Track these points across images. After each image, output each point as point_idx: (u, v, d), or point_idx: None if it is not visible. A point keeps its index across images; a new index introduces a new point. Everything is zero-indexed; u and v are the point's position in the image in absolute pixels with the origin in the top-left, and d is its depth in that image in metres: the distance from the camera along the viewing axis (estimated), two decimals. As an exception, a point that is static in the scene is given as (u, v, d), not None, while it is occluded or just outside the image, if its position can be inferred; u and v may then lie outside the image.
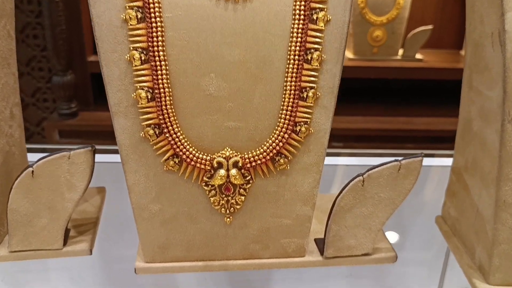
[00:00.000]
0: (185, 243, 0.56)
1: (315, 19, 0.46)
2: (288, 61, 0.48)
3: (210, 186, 0.53)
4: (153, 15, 0.45)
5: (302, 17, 0.46)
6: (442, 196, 0.71)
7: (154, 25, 0.45)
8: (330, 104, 0.50)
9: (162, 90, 0.47)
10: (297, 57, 0.47)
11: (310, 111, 0.50)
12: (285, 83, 0.48)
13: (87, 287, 0.64)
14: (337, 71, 0.49)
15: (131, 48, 0.46)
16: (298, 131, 0.51)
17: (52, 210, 0.56)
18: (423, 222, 0.82)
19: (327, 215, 0.57)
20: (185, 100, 0.48)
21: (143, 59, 0.46)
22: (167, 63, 0.46)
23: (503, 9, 0.47)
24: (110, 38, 0.46)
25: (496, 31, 0.49)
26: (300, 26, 0.46)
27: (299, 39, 0.47)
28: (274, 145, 0.51)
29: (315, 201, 0.56)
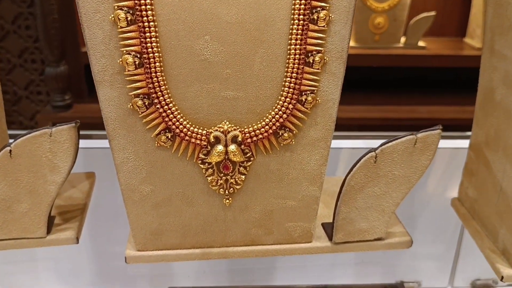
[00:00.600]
0: (180, 228, 0.52)
1: (321, -28, 0.41)
2: (292, 22, 0.43)
3: (206, 164, 0.48)
4: (139, -32, 0.40)
5: (307, -30, 0.41)
6: (450, 179, 0.67)
7: (140, -21, 0.40)
8: (339, 70, 0.45)
9: (151, 55, 0.42)
10: (302, 16, 0.42)
11: (317, 78, 0.45)
12: (288, 47, 0.43)
13: (74, 278, 0.59)
14: (346, 33, 0.44)
15: (116, 8, 0.41)
16: (303, 101, 0.46)
17: (33, 194, 0.51)
18: (432, 209, 0.78)
19: (335, 198, 0.52)
20: (177, 66, 0.43)
21: (129, 19, 0.41)
22: (156, 24, 0.41)
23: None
24: (92, -4, 0.41)
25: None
26: (305, -20, 0.41)
27: (304, -5, 0.41)
28: (277, 117, 0.46)
29: (322, 180, 0.51)
